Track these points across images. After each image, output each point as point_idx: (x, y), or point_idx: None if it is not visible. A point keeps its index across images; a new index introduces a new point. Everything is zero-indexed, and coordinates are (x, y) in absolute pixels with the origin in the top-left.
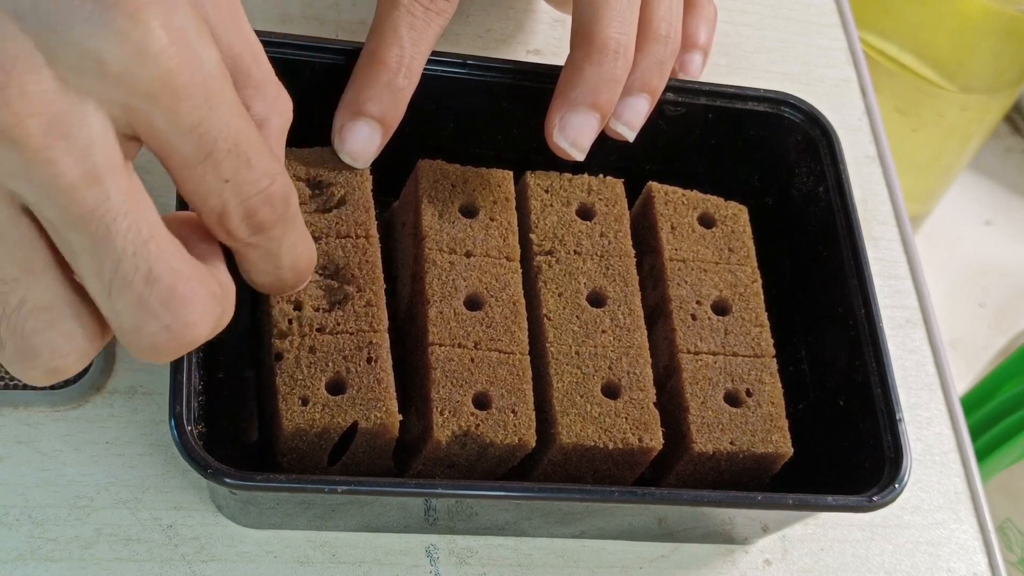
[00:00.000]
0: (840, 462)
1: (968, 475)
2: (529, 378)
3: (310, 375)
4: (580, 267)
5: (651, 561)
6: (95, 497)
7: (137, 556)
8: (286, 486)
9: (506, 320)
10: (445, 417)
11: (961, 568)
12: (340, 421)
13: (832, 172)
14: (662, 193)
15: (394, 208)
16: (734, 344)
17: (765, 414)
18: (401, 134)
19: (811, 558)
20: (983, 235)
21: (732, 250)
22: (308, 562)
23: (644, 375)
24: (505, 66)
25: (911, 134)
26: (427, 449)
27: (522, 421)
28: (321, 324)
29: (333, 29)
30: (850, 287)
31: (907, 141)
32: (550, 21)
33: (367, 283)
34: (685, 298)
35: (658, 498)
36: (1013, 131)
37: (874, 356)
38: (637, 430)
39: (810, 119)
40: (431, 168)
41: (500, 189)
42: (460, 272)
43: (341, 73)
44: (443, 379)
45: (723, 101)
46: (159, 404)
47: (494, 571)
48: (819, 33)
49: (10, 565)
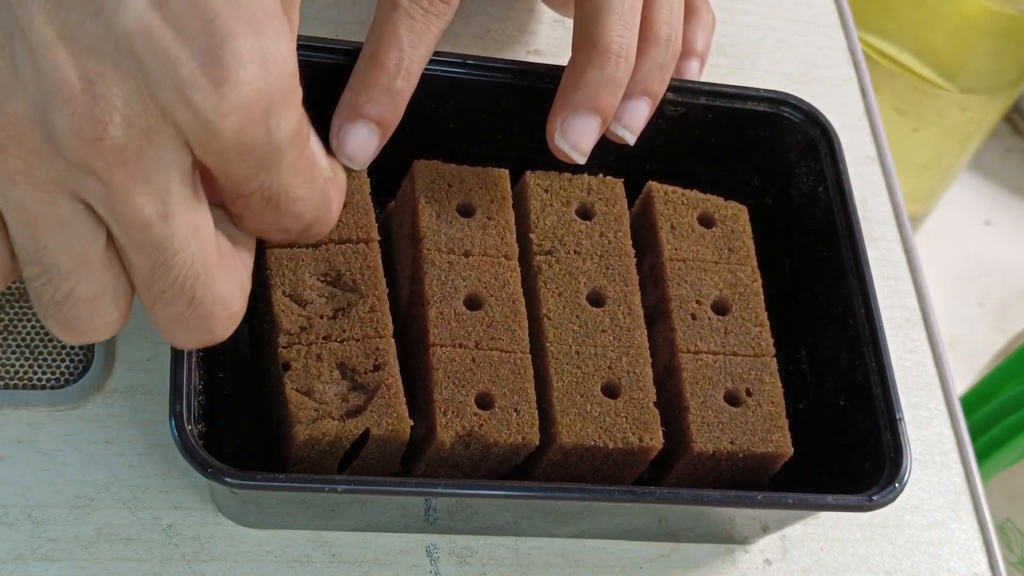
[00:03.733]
0: (840, 462)
1: (968, 475)
2: (531, 376)
3: (319, 384)
4: (580, 267)
5: (651, 561)
6: (95, 497)
7: (137, 556)
8: (286, 485)
9: (506, 319)
10: (448, 418)
11: (961, 568)
12: (352, 429)
13: (832, 172)
14: (662, 193)
15: (390, 209)
16: (734, 344)
17: (765, 414)
18: (400, 134)
19: (811, 558)
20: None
21: (732, 250)
22: (308, 562)
23: (644, 375)
24: (505, 66)
25: (911, 134)
26: (431, 450)
27: (525, 420)
28: (327, 332)
29: (333, 29)
30: (850, 287)
31: (907, 141)
32: (551, 22)
33: (370, 288)
34: (685, 298)
35: (658, 497)
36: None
37: (874, 356)
38: (637, 430)
39: (810, 119)
40: (427, 168)
41: (497, 188)
42: (459, 272)
43: (341, 73)
44: (445, 380)
45: (723, 101)
46: (159, 404)
47: (494, 571)
48: (819, 33)
49: (10, 565)
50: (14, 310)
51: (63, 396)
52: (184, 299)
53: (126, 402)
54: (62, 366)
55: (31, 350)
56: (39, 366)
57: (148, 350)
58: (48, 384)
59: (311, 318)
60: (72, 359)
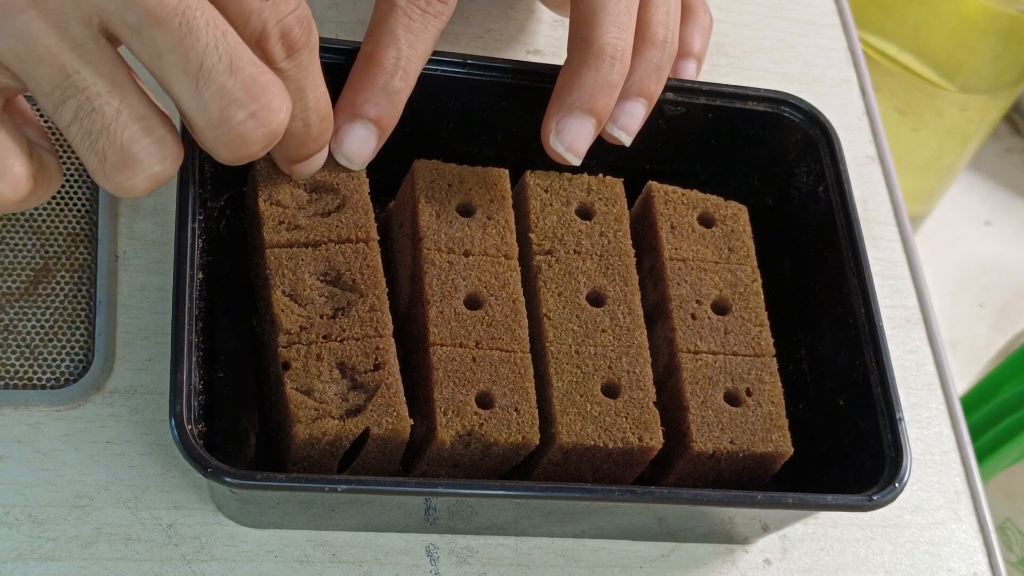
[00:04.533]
0: (840, 461)
1: (968, 475)
2: (531, 376)
3: (319, 383)
4: (580, 267)
5: (651, 561)
6: (95, 496)
7: (137, 555)
8: (286, 485)
9: (506, 318)
10: (449, 417)
11: (961, 568)
12: (352, 428)
13: (832, 172)
14: (662, 193)
15: (390, 209)
16: (734, 344)
17: (765, 413)
18: (400, 134)
19: (811, 557)
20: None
21: (732, 249)
22: (308, 561)
23: (644, 375)
24: (505, 66)
25: (911, 134)
26: (431, 450)
27: (525, 419)
28: (327, 332)
29: (333, 29)
30: (850, 287)
31: (907, 141)
32: (550, 21)
33: (370, 288)
34: (685, 298)
35: (658, 497)
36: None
37: (874, 356)
38: (637, 429)
39: (810, 119)
40: (427, 168)
41: (496, 187)
42: (459, 272)
43: (340, 73)
44: (445, 379)
45: (723, 101)
46: (159, 404)
47: (494, 570)
48: (819, 33)
49: (10, 564)
50: (14, 310)
51: (63, 396)
52: (223, 65)
53: (126, 402)
54: (62, 366)
55: (31, 350)
56: (39, 366)
57: (148, 350)
58: (48, 384)
59: (311, 317)
60: (72, 359)
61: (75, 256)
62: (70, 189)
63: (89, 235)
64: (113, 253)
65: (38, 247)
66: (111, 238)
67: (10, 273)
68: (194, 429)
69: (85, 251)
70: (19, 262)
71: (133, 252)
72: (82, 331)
